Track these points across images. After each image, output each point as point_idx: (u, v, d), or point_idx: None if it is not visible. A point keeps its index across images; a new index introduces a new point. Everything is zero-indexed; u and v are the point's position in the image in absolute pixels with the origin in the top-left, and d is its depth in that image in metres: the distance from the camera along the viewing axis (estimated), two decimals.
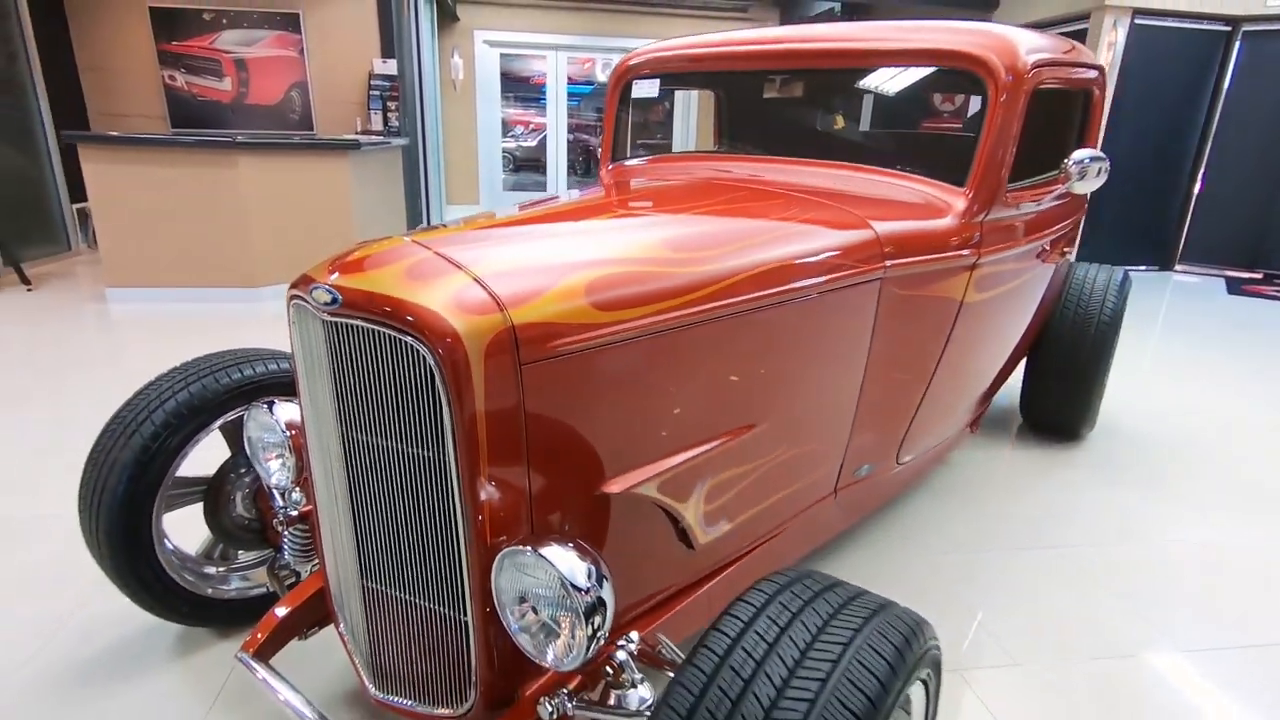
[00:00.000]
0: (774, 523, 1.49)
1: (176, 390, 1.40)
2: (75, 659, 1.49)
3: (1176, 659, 1.61)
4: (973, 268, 1.59)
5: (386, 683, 1.14)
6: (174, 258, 4.24)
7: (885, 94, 1.75)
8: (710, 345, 1.17)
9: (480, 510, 0.94)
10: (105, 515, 1.33)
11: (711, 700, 0.70)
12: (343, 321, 0.93)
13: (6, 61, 5.12)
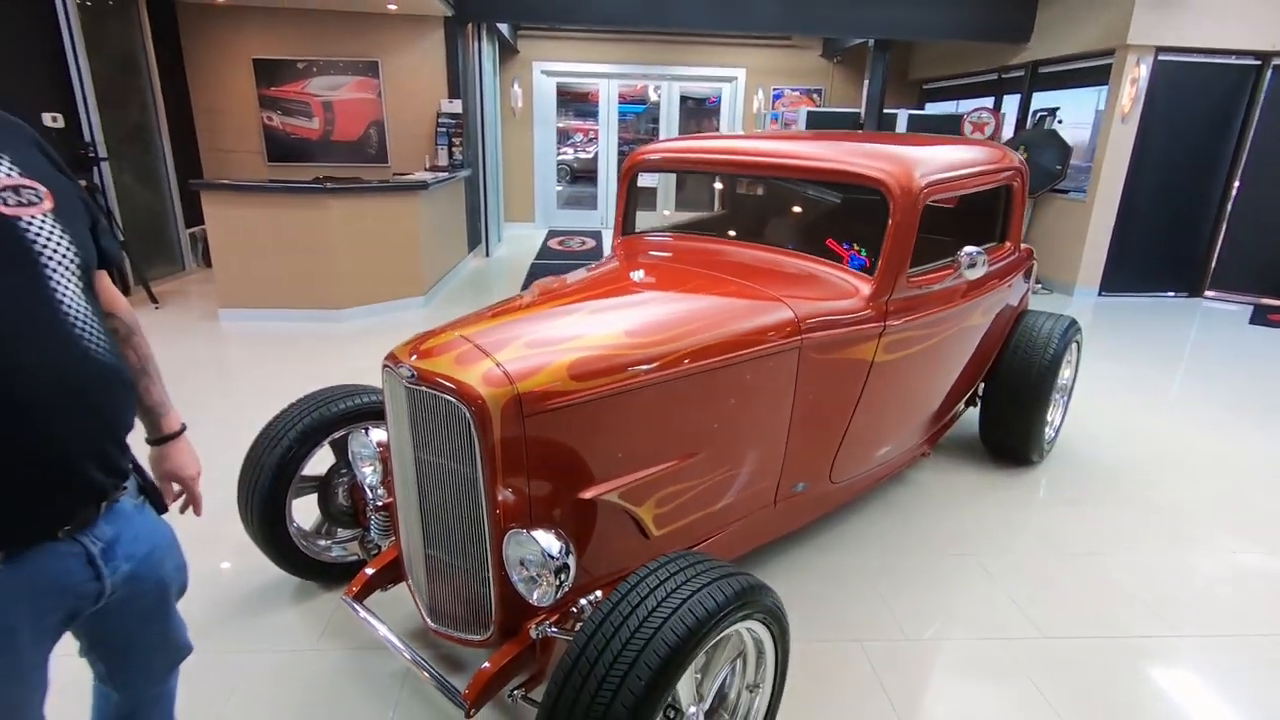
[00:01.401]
0: (720, 523, 2.02)
1: (303, 416, 2.03)
2: (230, 597, 2.15)
3: (1041, 643, 2.06)
4: (880, 335, 2.09)
5: (439, 618, 1.73)
6: (274, 283, 5.03)
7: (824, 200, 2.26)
8: (659, 400, 1.71)
9: (497, 506, 1.52)
10: (257, 500, 1.98)
11: (617, 614, 1.25)
12: (416, 389, 1.52)
13: (139, 111, 6.05)
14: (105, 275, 1.11)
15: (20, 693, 0.97)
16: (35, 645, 0.97)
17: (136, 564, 1.09)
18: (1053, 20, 6.88)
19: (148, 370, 1.23)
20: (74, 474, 0.94)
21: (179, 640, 1.31)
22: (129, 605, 1.12)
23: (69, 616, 1.01)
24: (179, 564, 1.24)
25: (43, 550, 0.94)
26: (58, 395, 0.90)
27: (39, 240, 0.90)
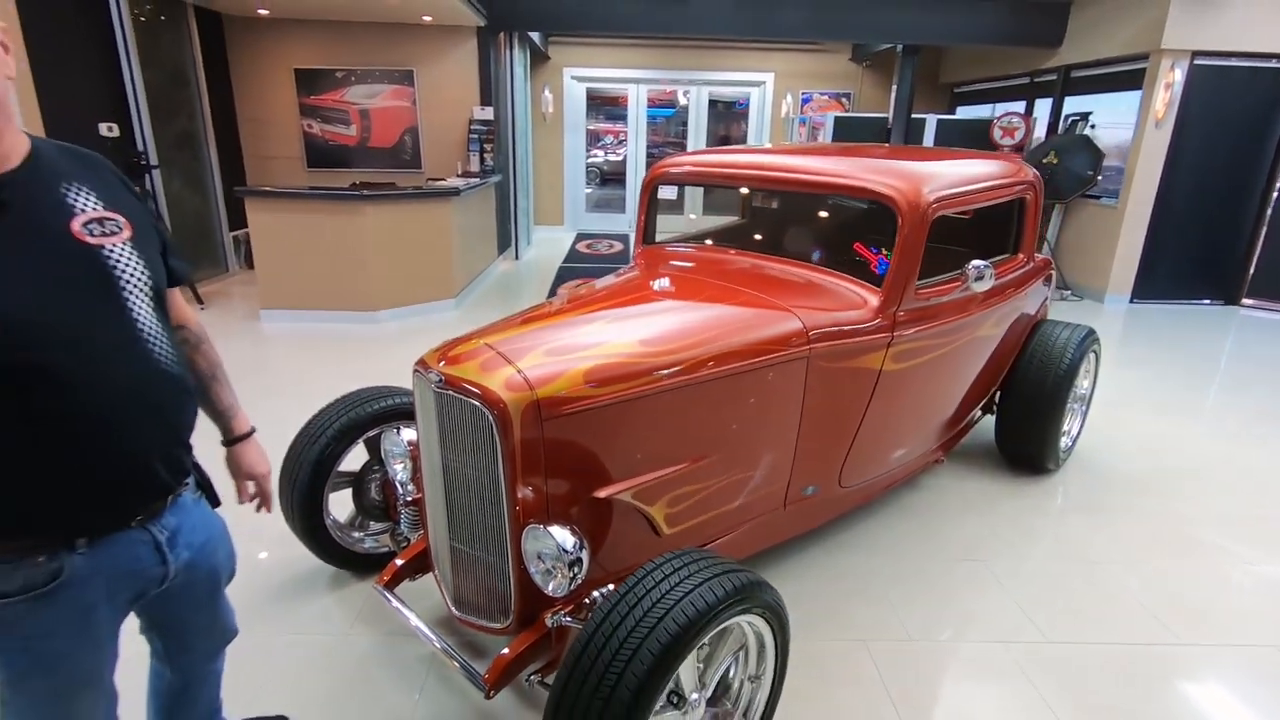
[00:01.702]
0: (731, 524, 2.11)
1: (340, 416, 2.17)
2: (270, 584, 2.30)
3: (1046, 648, 2.11)
4: (889, 345, 2.16)
5: (462, 606, 1.85)
6: (313, 285, 5.23)
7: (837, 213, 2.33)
8: (671, 405, 1.81)
9: (517, 503, 1.63)
10: (297, 494, 2.12)
11: (624, 604, 1.35)
12: (444, 393, 1.64)
13: (187, 120, 6.33)
14: (176, 291, 1.24)
15: (97, 659, 1.10)
16: (109, 620, 1.11)
17: (195, 552, 1.22)
18: (1086, 24, 6.81)
19: (217, 376, 1.36)
20: (146, 472, 1.08)
21: (227, 623, 1.45)
22: (186, 590, 1.25)
23: (137, 596, 1.15)
24: (229, 552, 1.38)
25: (118, 538, 1.07)
26: (135, 404, 1.03)
27: (119, 266, 1.03)
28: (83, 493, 1.01)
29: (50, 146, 1.05)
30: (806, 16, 7.08)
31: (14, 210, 0.94)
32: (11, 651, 1.01)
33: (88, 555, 1.03)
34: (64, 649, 1.04)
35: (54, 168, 1.02)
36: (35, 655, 1.02)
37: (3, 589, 0.97)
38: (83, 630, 1.05)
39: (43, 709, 1.08)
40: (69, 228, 1.00)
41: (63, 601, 1.01)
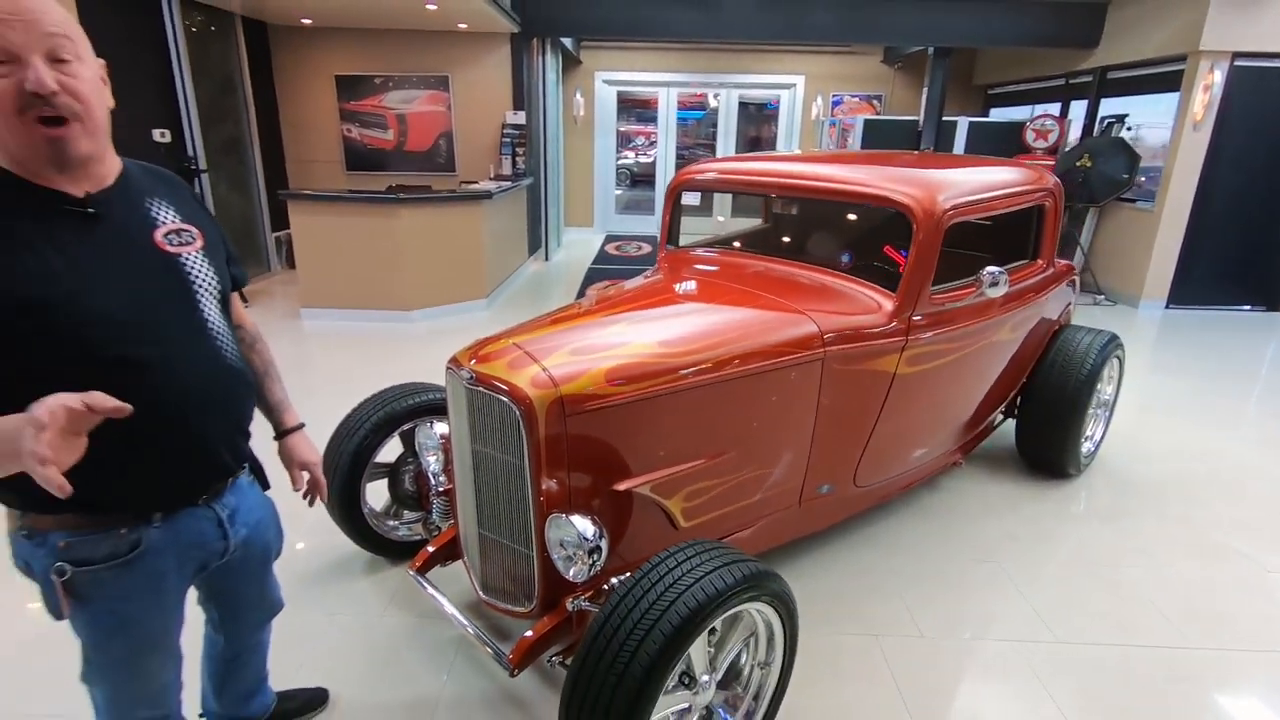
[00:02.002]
0: (747, 519, 2.19)
1: (376, 410, 2.30)
2: (311, 568, 2.44)
3: (1056, 648, 2.15)
4: (903, 349, 2.21)
5: (489, 591, 1.95)
6: (350, 285, 5.43)
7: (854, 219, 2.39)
8: (688, 404, 1.90)
9: (541, 494, 1.73)
10: (336, 483, 2.25)
11: (639, 588, 1.45)
12: (474, 389, 1.75)
13: (234, 126, 6.59)
14: (236, 295, 1.37)
15: (166, 622, 1.23)
16: (178, 588, 1.23)
17: (251, 529, 1.35)
18: (1123, 25, 6.72)
19: (270, 373, 1.49)
20: (213, 456, 1.21)
21: (274, 597, 1.58)
22: (241, 564, 1.38)
23: (200, 567, 1.28)
24: (279, 532, 1.50)
25: (187, 514, 1.20)
26: (205, 395, 1.16)
27: (193, 272, 1.16)
28: (160, 473, 1.13)
29: (136, 166, 1.18)
30: (837, 19, 7.10)
31: (108, 222, 1.07)
32: (99, 614, 1.14)
33: (162, 529, 1.16)
34: (139, 612, 1.17)
35: (140, 185, 1.15)
36: (116, 618, 1.15)
37: (90, 557, 1.10)
38: (156, 596, 1.18)
39: (120, 667, 1.21)
40: (153, 238, 1.13)
41: (140, 569, 1.14)
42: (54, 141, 0.99)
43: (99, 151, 1.07)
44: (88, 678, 1.23)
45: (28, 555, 1.11)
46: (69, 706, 1.81)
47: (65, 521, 1.09)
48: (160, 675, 1.27)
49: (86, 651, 1.19)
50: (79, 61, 1.01)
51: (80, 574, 1.10)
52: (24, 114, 0.96)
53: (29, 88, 0.94)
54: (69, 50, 0.99)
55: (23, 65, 0.95)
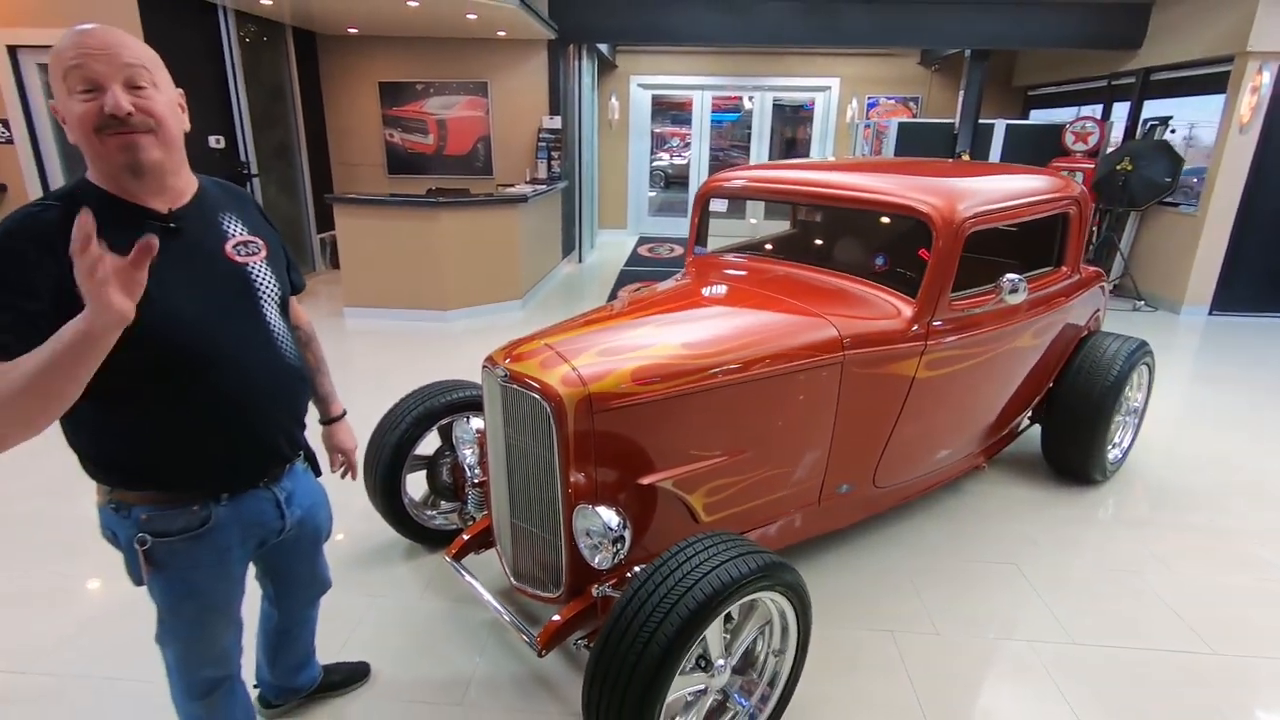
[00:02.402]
0: (766, 515, 2.27)
1: (416, 406, 2.44)
2: (354, 553, 2.59)
3: (1071, 649, 2.19)
4: (922, 353, 2.27)
5: (520, 577, 2.07)
6: (391, 285, 5.63)
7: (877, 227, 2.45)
8: (710, 403, 1.99)
9: (570, 486, 1.84)
10: (379, 475, 2.40)
11: (658, 575, 1.54)
12: (508, 386, 1.87)
13: (283, 132, 6.88)
14: (294, 298, 1.51)
15: (229, 591, 1.37)
16: (240, 561, 1.37)
17: (305, 511, 1.49)
18: (1167, 25, 6.59)
19: (321, 368, 1.64)
20: (273, 443, 1.34)
21: (323, 575, 1.72)
22: (295, 542, 1.52)
23: (260, 544, 1.41)
24: (329, 515, 1.64)
25: (250, 495, 1.34)
26: (268, 389, 1.30)
27: (257, 280, 1.29)
28: (227, 457, 1.27)
29: (209, 182, 1.32)
30: (872, 23, 7.10)
31: (186, 235, 1.21)
32: (172, 580, 1.28)
33: (228, 507, 1.30)
34: (207, 580, 1.31)
35: (213, 200, 1.29)
36: (187, 584, 1.29)
37: (168, 530, 1.24)
38: (221, 566, 1.32)
39: (189, 629, 1.35)
40: (224, 249, 1.27)
41: (208, 542, 1.28)
42: (127, 148, 1.12)
43: (172, 165, 1.20)
44: (161, 639, 1.37)
45: (114, 526, 1.26)
46: (140, 671, 1.98)
47: (147, 498, 1.23)
48: (223, 639, 1.41)
49: (161, 614, 1.33)
50: (154, 88, 1.15)
51: (158, 544, 1.24)
52: (102, 133, 1.10)
53: (106, 110, 1.08)
54: (145, 78, 1.13)
55: (105, 92, 1.09)
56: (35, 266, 1.05)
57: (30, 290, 1.04)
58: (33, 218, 1.09)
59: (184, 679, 1.41)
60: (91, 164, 1.15)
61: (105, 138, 1.10)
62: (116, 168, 1.14)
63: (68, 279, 1.00)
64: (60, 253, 1.04)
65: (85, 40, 1.09)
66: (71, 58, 1.08)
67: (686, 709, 1.69)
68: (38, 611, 2.25)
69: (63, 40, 1.10)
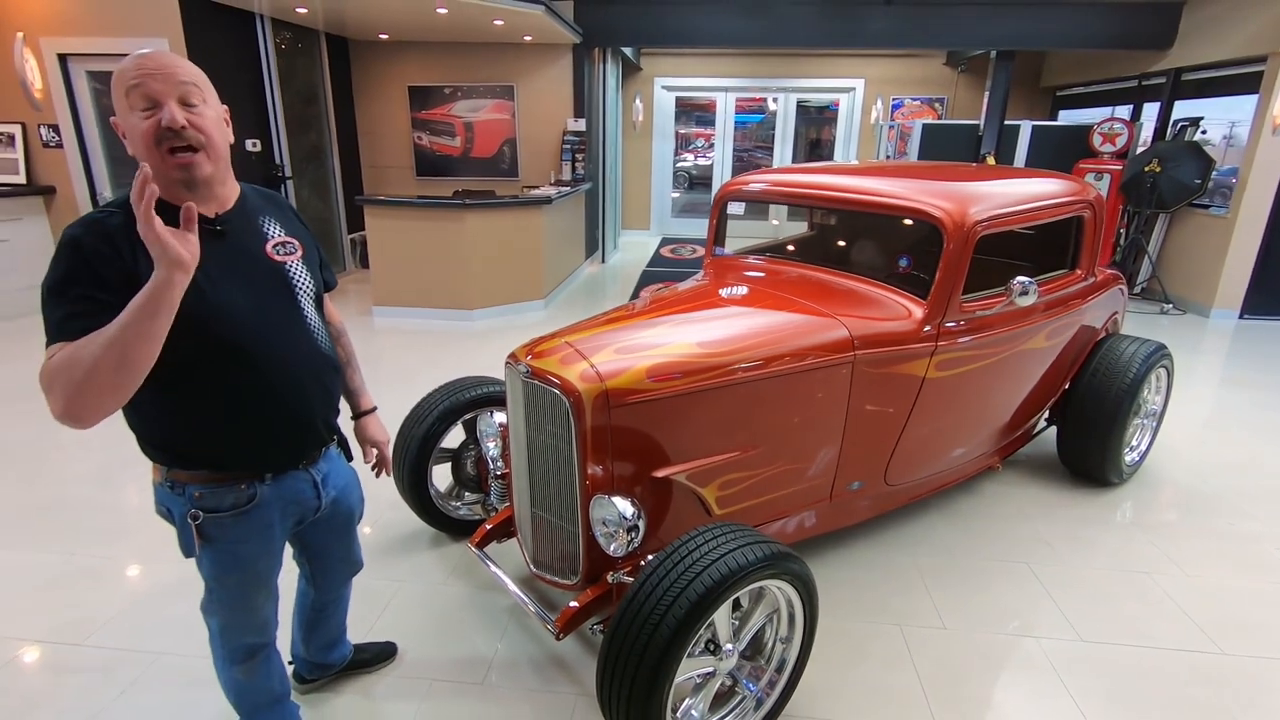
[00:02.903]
0: (778, 510, 2.33)
1: (442, 401, 2.55)
2: (383, 540, 2.71)
3: (1078, 646, 2.22)
4: (932, 354, 2.32)
5: (540, 565, 2.16)
6: (418, 285, 5.78)
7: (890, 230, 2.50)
8: (723, 400, 2.06)
9: (588, 477, 1.92)
10: (407, 467, 2.51)
11: (670, 561, 1.62)
12: (530, 382, 1.96)
13: (316, 135, 7.08)
14: (327, 295, 1.62)
15: (271, 564, 1.49)
16: (280, 536, 1.48)
17: (339, 492, 1.60)
18: (1199, 24, 6.51)
19: (351, 362, 1.75)
20: (312, 428, 1.45)
21: (356, 556, 1.83)
22: (329, 521, 1.63)
23: (298, 521, 1.52)
24: (360, 496, 1.75)
25: (291, 475, 1.45)
26: (307, 378, 1.41)
27: (294, 278, 1.40)
28: (272, 439, 1.38)
29: (249, 188, 1.43)
30: (895, 25, 7.10)
31: (230, 238, 1.33)
32: (220, 553, 1.40)
33: (271, 486, 1.41)
34: (251, 554, 1.42)
35: (253, 205, 1.41)
36: (234, 557, 1.41)
37: (218, 506, 1.35)
38: (265, 540, 1.43)
39: (233, 598, 1.47)
40: (264, 250, 1.38)
41: (254, 518, 1.39)
42: (184, 166, 1.24)
43: (220, 176, 1.32)
44: (206, 608, 1.49)
45: (169, 502, 1.37)
46: (183, 646, 2.11)
47: (199, 477, 1.35)
48: (263, 610, 1.52)
49: (208, 585, 1.45)
50: (204, 105, 1.27)
51: (209, 519, 1.36)
52: (160, 145, 1.22)
53: (164, 124, 1.20)
54: (197, 96, 1.25)
55: (162, 108, 1.21)
56: (105, 262, 1.17)
57: (102, 283, 1.16)
58: (99, 222, 1.21)
59: (226, 646, 1.53)
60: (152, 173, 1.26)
61: (164, 153, 1.22)
62: (173, 182, 1.26)
63: (132, 273, 1.16)
64: (124, 251, 1.17)
65: (144, 63, 1.21)
66: (132, 77, 1.20)
67: (695, 691, 1.77)
68: (89, 590, 2.40)
69: (125, 62, 1.22)
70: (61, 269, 1.16)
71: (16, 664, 2.07)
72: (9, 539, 2.68)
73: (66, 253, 1.17)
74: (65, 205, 5.89)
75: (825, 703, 1.99)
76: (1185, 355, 5.23)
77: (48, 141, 5.75)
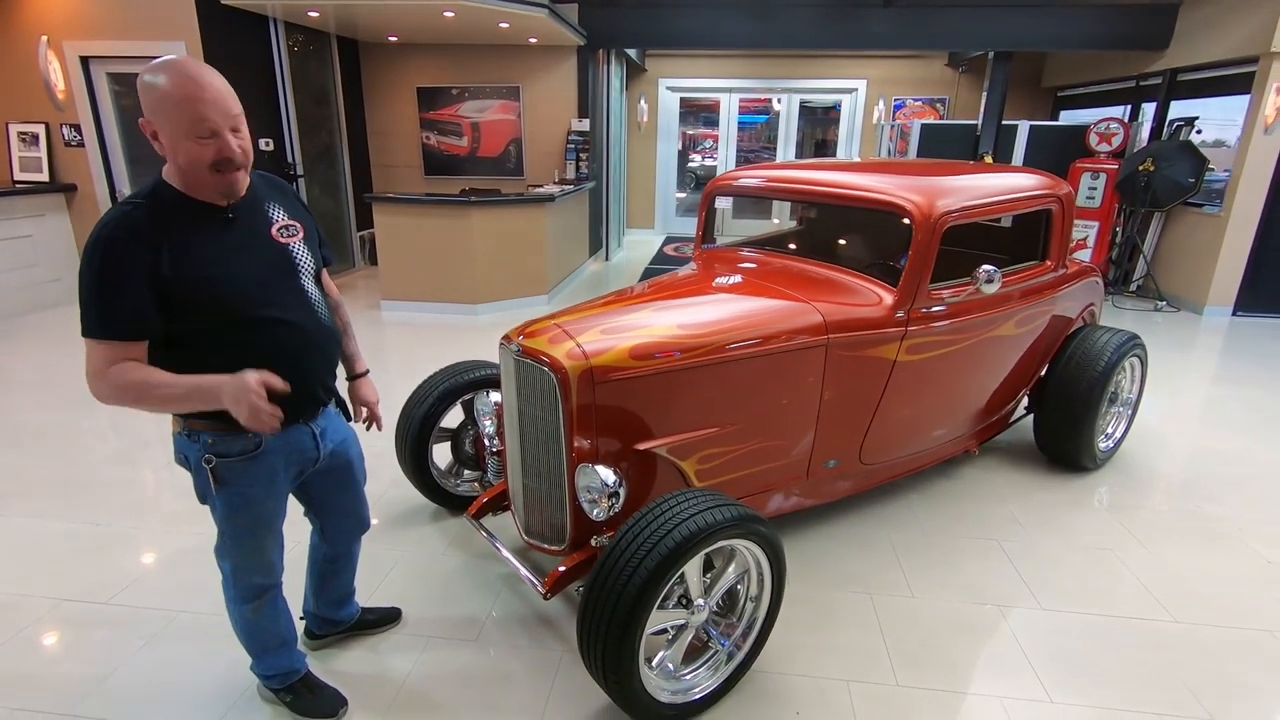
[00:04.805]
0: (757, 485, 2.48)
1: (442, 383, 2.71)
2: (387, 513, 2.87)
3: (1036, 613, 2.35)
4: (902, 338, 2.46)
5: (531, 534, 2.32)
6: (425, 280, 5.96)
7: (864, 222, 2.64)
8: (701, 379, 2.21)
9: (574, 449, 2.07)
10: (409, 445, 2.67)
11: (643, 521, 1.77)
12: (521, 360, 2.12)
13: (327, 135, 7.28)
14: (325, 271, 1.80)
15: (276, 508, 1.66)
16: (284, 483, 1.65)
17: (336, 444, 1.77)
18: (1194, 26, 6.60)
19: (348, 331, 1.93)
20: (313, 388, 1.63)
21: (362, 512, 1.98)
22: (330, 472, 1.79)
23: (300, 472, 1.69)
24: (359, 453, 1.91)
25: (294, 429, 1.62)
26: (310, 344, 1.58)
27: (297, 257, 1.58)
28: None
29: (257, 176, 1.61)
30: (895, 26, 7.22)
31: (240, 222, 1.51)
32: (231, 495, 1.57)
33: (277, 436, 1.58)
34: (258, 497, 1.60)
35: (260, 192, 1.59)
36: (243, 498, 1.59)
37: (229, 451, 1.54)
38: (270, 485, 1.61)
39: (242, 539, 1.64)
40: (270, 232, 1.55)
41: (261, 463, 1.57)
42: (230, 184, 1.45)
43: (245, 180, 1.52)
44: (219, 551, 1.67)
45: (186, 450, 1.55)
46: (198, 605, 2.28)
47: (212, 426, 1.53)
48: (269, 552, 1.69)
49: (221, 528, 1.63)
50: (244, 129, 1.46)
51: (221, 464, 1.54)
52: (214, 169, 1.41)
53: (224, 155, 1.40)
54: (242, 123, 1.45)
55: (219, 138, 1.39)
56: (133, 256, 1.35)
57: (130, 278, 1.35)
58: (127, 216, 1.39)
59: (237, 585, 1.70)
60: (183, 177, 1.43)
61: (214, 171, 1.41)
62: (215, 193, 1.46)
63: (157, 264, 1.36)
64: (149, 242, 1.35)
65: (199, 93, 1.36)
66: (190, 109, 1.36)
67: (669, 644, 1.92)
68: (114, 556, 2.57)
69: (169, 77, 1.35)
70: (95, 269, 1.34)
71: (49, 619, 2.25)
72: (43, 509, 2.86)
73: (101, 252, 1.34)
74: (86, 202, 6.11)
75: (792, 658, 2.13)
76: (1177, 352, 5.33)
77: (69, 141, 5.97)
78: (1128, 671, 2.11)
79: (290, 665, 1.87)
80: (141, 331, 1.39)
